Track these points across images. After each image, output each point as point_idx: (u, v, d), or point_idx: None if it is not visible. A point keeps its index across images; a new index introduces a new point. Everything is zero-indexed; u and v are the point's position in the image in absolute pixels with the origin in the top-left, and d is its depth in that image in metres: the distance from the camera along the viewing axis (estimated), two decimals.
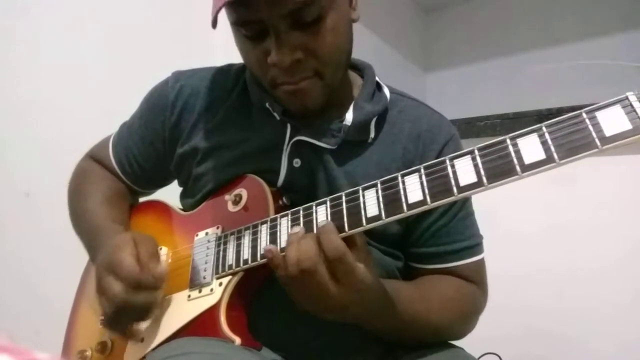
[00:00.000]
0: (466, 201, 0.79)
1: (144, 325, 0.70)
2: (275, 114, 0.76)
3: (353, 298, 0.58)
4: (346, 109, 0.76)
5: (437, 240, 0.76)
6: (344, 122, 0.74)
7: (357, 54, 0.85)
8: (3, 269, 1.11)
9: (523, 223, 1.64)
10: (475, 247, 0.78)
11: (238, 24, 0.67)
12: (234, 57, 0.78)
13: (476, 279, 0.77)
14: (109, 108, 1.22)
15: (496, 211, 1.22)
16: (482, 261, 0.79)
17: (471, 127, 1.76)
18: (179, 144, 0.82)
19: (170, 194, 0.91)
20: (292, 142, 0.74)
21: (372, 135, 0.77)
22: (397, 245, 0.78)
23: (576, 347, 1.54)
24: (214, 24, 0.65)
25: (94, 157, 0.93)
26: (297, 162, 0.75)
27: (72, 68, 1.26)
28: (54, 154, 1.18)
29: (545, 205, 1.62)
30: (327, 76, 0.69)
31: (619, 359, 1.47)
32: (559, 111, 1.54)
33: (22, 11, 1.18)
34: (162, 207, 0.88)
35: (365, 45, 2.07)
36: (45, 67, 1.21)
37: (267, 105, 0.76)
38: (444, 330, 0.73)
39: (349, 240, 0.58)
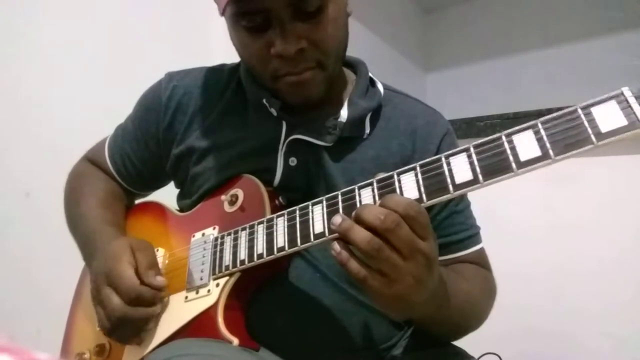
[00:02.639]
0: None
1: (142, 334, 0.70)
2: (273, 110, 0.75)
3: (436, 256, 0.53)
4: (341, 106, 0.76)
5: (442, 232, 0.76)
6: (339, 119, 0.74)
7: (356, 54, 0.86)
8: (4, 268, 1.11)
9: (522, 222, 1.64)
10: (476, 236, 0.80)
11: (239, 15, 0.66)
12: (234, 57, 0.78)
13: (484, 264, 0.79)
14: (109, 108, 1.22)
15: (495, 210, 1.22)
16: (483, 249, 0.81)
17: (471, 127, 1.75)
18: (174, 145, 0.82)
19: (167, 195, 0.91)
20: (288, 141, 0.74)
21: (367, 131, 0.77)
22: None
23: (576, 346, 1.53)
24: (223, 12, 0.66)
25: (91, 159, 0.93)
26: (293, 161, 0.75)
27: (72, 68, 1.26)
28: (54, 154, 1.18)
29: (544, 205, 1.61)
30: (328, 67, 0.70)
31: (618, 358, 1.47)
32: (559, 111, 1.54)
33: (22, 12, 1.18)
34: (158, 208, 0.88)
35: (364, 46, 2.07)
36: (45, 67, 1.21)
37: (264, 101, 0.76)
38: (481, 312, 0.74)
39: None
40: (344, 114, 0.75)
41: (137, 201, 0.95)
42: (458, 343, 0.75)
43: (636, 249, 1.47)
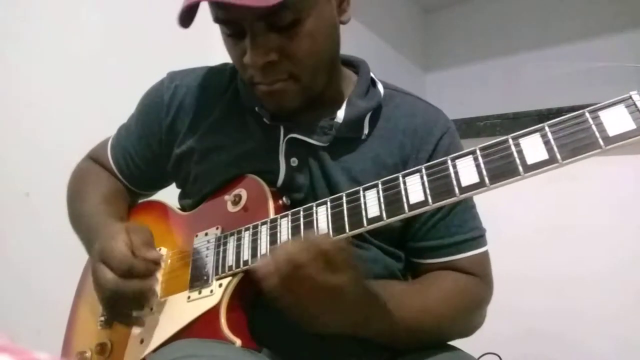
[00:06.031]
0: None
1: (143, 313, 0.70)
2: (265, 120, 0.76)
3: (350, 285, 0.57)
4: (339, 106, 0.76)
5: (436, 234, 0.75)
6: (335, 120, 0.74)
7: (356, 54, 0.85)
8: (3, 268, 1.11)
9: (523, 224, 1.64)
10: (476, 239, 0.76)
11: (218, 22, 0.68)
12: None
13: (478, 271, 0.75)
14: (108, 108, 1.21)
15: (497, 212, 1.22)
16: (484, 254, 0.77)
17: (471, 127, 1.75)
18: (175, 145, 0.82)
19: (169, 195, 0.91)
20: (285, 140, 0.75)
21: (365, 131, 0.77)
22: (399, 244, 0.78)
23: (576, 348, 1.54)
24: (183, 22, 0.67)
25: (94, 157, 0.93)
26: (294, 161, 0.75)
27: (71, 69, 1.26)
28: (53, 154, 1.18)
29: (546, 206, 1.61)
30: (303, 79, 0.70)
31: None
32: (559, 111, 1.54)
33: (20, 12, 1.18)
34: (161, 208, 0.88)
35: (365, 45, 2.07)
36: (44, 68, 1.21)
37: (256, 109, 0.77)
38: (447, 326, 0.72)
39: None
40: (340, 114, 0.75)
41: (139, 201, 0.95)
42: (456, 343, 0.75)
43: (638, 250, 1.47)
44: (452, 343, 0.75)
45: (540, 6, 2.38)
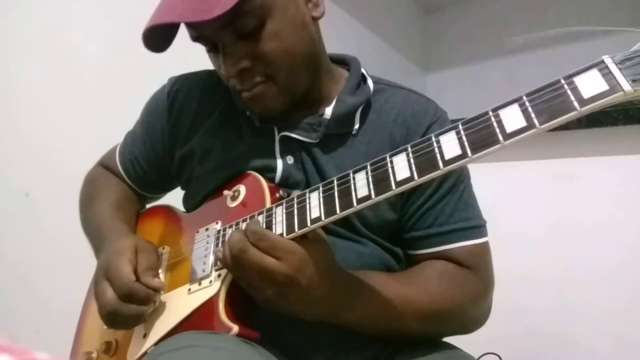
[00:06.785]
0: (457, 184, 0.77)
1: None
2: (256, 123, 0.79)
3: (297, 272, 0.59)
4: (329, 103, 0.78)
5: (424, 223, 0.75)
6: (323, 116, 0.76)
7: (357, 54, 0.87)
8: (3, 268, 1.12)
9: (523, 224, 1.62)
10: (468, 230, 0.75)
11: (193, 41, 0.71)
12: None
13: (471, 264, 0.73)
14: (108, 109, 1.23)
15: (496, 211, 1.22)
16: (480, 246, 0.75)
17: None
18: (177, 147, 0.85)
19: (174, 199, 0.93)
20: (279, 139, 0.77)
21: (356, 126, 0.78)
22: (396, 240, 0.79)
23: (575, 347, 1.52)
24: (155, 48, 0.72)
25: (104, 164, 0.97)
26: (290, 159, 0.77)
27: (71, 69, 1.27)
28: (53, 154, 1.20)
29: (545, 206, 1.60)
30: (280, 80, 0.71)
31: (618, 359, 1.45)
32: None
33: (21, 12, 1.20)
34: (166, 210, 0.91)
35: (365, 46, 2.09)
36: (45, 68, 1.23)
37: (247, 113, 0.79)
38: (430, 317, 0.69)
39: (302, 237, 0.61)
40: (328, 111, 0.76)
41: (147, 205, 0.98)
42: (457, 343, 0.74)
43: (637, 249, 1.46)
44: (452, 342, 0.75)
45: (540, 6, 2.39)
